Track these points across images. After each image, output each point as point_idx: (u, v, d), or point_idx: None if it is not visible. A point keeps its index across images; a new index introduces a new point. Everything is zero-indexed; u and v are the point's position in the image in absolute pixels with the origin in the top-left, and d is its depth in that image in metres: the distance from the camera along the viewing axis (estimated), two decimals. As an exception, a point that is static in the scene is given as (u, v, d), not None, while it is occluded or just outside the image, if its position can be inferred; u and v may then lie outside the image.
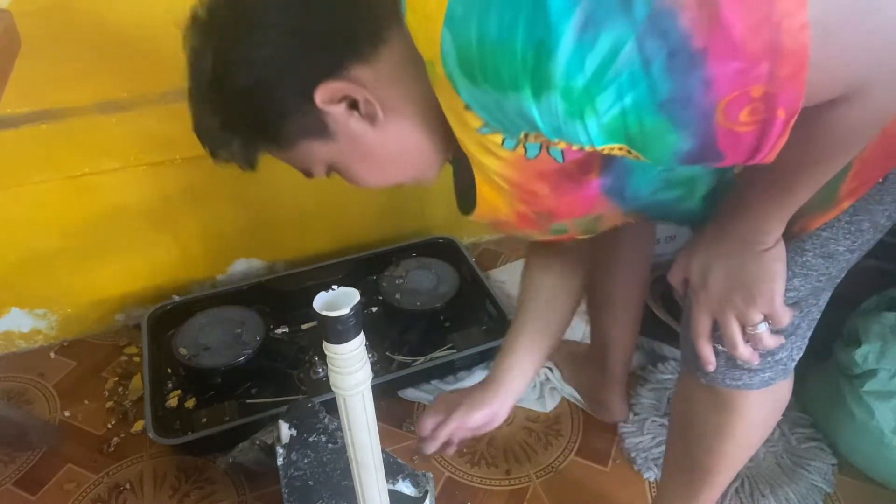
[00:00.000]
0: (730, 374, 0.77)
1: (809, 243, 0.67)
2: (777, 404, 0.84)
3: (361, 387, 0.62)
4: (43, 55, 1.17)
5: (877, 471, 1.15)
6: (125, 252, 1.45)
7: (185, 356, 1.30)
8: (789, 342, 0.74)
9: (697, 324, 0.71)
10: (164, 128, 1.29)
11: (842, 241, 0.66)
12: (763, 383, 0.77)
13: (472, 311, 1.49)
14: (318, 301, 0.57)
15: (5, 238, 1.33)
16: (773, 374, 0.77)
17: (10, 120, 1.21)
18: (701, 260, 0.68)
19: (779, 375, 0.77)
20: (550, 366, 1.37)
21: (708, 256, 0.67)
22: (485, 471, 1.21)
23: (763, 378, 0.77)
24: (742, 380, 0.77)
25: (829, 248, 0.67)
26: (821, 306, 0.75)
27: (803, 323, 0.74)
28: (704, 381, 0.79)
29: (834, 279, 0.72)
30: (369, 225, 1.64)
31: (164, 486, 1.20)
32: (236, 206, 1.49)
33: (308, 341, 1.43)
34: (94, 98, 1.25)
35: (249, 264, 1.59)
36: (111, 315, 1.53)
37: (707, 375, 0.78)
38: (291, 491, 0.93)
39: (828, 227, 0.66)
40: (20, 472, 1.23)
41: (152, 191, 1.39)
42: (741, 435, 0.83)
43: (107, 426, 1.31)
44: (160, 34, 1.22)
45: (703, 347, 0.73)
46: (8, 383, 1.42)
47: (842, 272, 0.71)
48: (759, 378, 0.77)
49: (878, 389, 1.10)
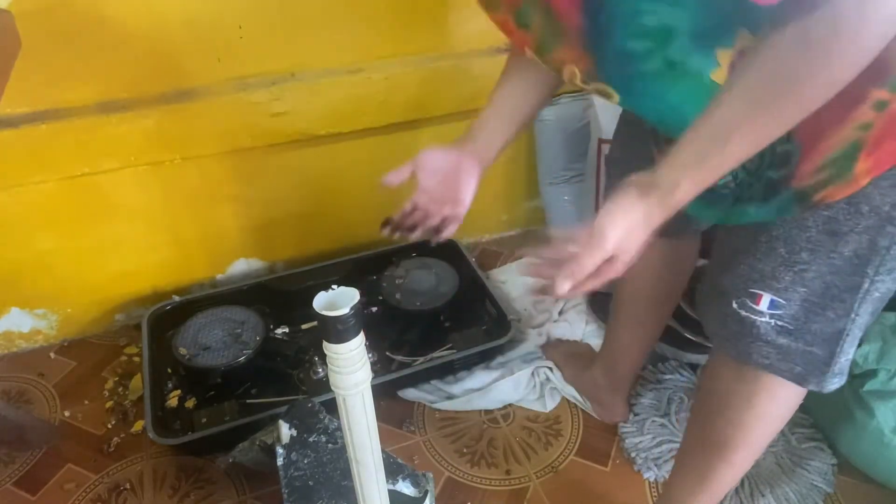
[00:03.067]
0: (757, 349, 0.78)
1: (811, 220, 0.69)
2: (793, 404, 0.86)
3: (361, 387, 0.62)
4: (43, 55, 1.17)
5: (877, 471, 1.15)
6: (125, 252, 1.45)
7: (185, 356, 1.30)
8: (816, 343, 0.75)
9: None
10: (164, 128, 1.29)
11: (843, 222, 0.68)
12: (790, 373, 0.78)
13: (472, 311, 1.49)
14: (318, 301, 0.57)
15: (5, 238, 1.33)
16: (803, 369, 0.78)
17: (10, 120, 1.21)
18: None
19: (811, 375, 0.78)
20: (550, 366, 1.37)
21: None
22: (485, 471, 1.21)
23: (790, 367, 0.78)
24: (770, 359, 0.78)
25: (830, 225, 0.68)
26: (853, 317, 0.74)
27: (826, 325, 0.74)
28: (734, 355, 0.81)
29: (854, 277, 0.71)
30: (369, 225, 1.64)
31: (164, 486, 1.20)
32: (236, 206, 1.49)
33: (308, 341, 1.43)
34: (94, 98, 1.25)
35: (249, 264, 1.59)
36: (111, 315, 1.53)
37: (737, 350, 0.80)
38: (291, 491, 0.93)
39: (828, 206, 0.67)
40: (20, 472, 1.23)
41: (152, 191, 1.39)
42: (763, 410, 0.85)
43: (107, 426, 1.31)
44: (160, 34, 1.23)
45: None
46: (8, 383, 1.42)
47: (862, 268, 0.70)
48: (786, 364, 0.78)
49: (878, 389, 1.10)
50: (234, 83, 1.31)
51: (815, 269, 0.71)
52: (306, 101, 1.35)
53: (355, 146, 1.48)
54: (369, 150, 1.50)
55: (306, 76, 1.35)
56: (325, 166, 1.50)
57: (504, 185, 1.72)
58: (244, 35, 1.27)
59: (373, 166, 1.54)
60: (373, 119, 1.44)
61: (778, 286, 0.74)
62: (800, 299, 0.73)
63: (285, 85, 1.32)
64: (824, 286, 0.72)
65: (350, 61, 1.38)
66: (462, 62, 1.43)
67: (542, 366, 1.37)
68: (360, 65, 1.39)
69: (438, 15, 1.39)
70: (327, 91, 1.36)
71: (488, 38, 1.47)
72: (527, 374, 1.35)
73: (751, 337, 0.78)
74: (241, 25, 1.26)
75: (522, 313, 1.52)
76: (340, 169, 1.52)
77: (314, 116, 1.38)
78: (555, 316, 1.50)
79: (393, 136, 1.50)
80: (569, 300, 1.54)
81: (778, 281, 0.73)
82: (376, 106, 1.42)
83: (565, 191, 1.59)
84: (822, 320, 0.74)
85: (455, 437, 1.28)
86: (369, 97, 1.40)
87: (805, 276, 0.72)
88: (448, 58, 1.43)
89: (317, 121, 1.39)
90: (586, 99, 1.52)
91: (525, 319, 1.51)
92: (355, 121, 1.43)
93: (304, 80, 1.34)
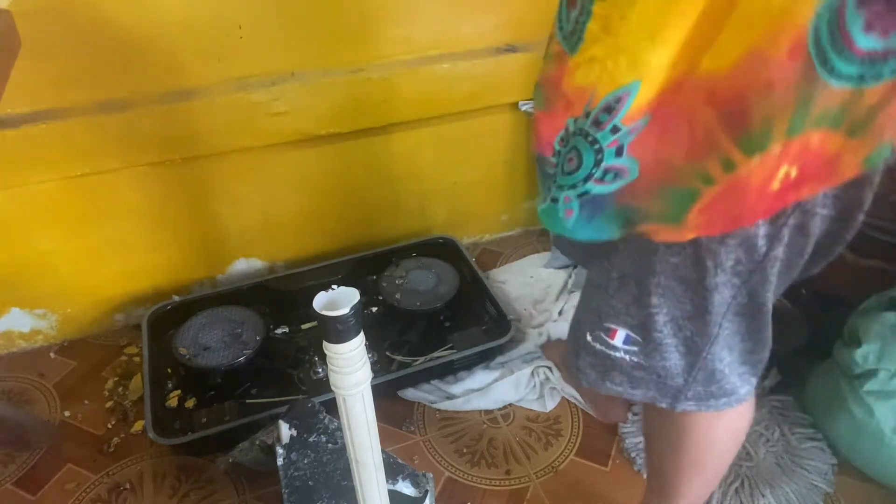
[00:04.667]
0: (610, 377, 0.79)
1: (658, 266, 0.68)
2: (731, 433, 0.86)
3: (361, 387, 0.62)
4: (43, 55, 1.17)
5: (877, 471, 1.15)
6: (125, 252, 1.45)
7: (185, 356, 1.30)
8: (697, 364, 0.75)
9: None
10: (164, 128, 1.29)
11: (691, 270, 0.67)
12: (643, 396, 0.79)
13: (472, 311, 1.50)
14: (317, 301, 0.57)
15: (5, 238, 1.33)
16: (657, 393, 0.78)
17: (10, 120, 1.21)
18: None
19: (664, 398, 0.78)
20: (550, 365, 1.37)
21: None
22: (485, 471, 1.21)
23: (644, 392, 0.78)
24: (623, 386, 0.79)
25: (679, 272, 0.68)
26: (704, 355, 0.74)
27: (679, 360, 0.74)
28: (586, 383, 0.82)
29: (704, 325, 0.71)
30: (369, 225, 1.65)
31: (164, 486, 1.20)
32: (236, 206, 1.49)
33: (308, 341, 1.43)
34: (94, 98, 1.25)
35: (249, 264, 1.59)
36: (111, 315, 1.53)
37: (589, 379, 0.81)
38: (291, 491, 0.93)
39: (674, 253, 0.67)
40: (20, 472, 1.23)
41: (152, 191, 1.39)
42: (693, 453, 0.86)
43: (107, 426, 1.31)
44: (160, 34, 1.23)
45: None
46: (8, 383, 1.42)
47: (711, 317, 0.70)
48: (639, 391, 0.78)
49: (878, 389, 1.10)
50: (234, 83, 1.32)
51: (666, 313, 0.71)
52: (306, 101, 1.36)
53: (355, 146, 1.48)
54: (369, 150, 1.50)
55: (306, 76, 1.35)
56: (325, 166, 1.50)
57: (504, 185, 1.72)
58: (244, 35, 1.27)
59: (372, 166, 1.55)
60: (373, 119, 1.44)
61: (632, 322, 0.74)
62: (653, 339, 0.73)
63: (285, 85, 1.33)
64: (676, 328, 0.72)
65: (350, 61, 1.38)
66: (462, 62, 1.43)
67: (542, 365, 1.37)
68: (360, 65, 1.39)
69: (438, 15, 1.39)
70: (327, 91, 1.36)
71: (488, 38, 1.47)
72: (527, 374, 1.35)
73: (603, 367, 0.78)
74: (241, 25, 1.26)
75: (522, 313, 1.52)
76: (340, 169, 1.52)
77: (314, 116, 1.38)
78: (554, 316, 1.50)
79: (393, 136, 1.50)
80: (569, 300, 1.54)
81: (632, 317, 0.73)
82: (376, 106, 1.42)
83: (565, 191, 1.59)
84: (674, 357, 0.74)
85: (455, 437, 1.28)
86: (369, 97, 1.40)
87: (657, 318, 0.71)
88: (448, 58, 1.43)
89: (317, 121, 1.39)
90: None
91: (525, 319, 1.51)
92: (355, 121, 1.43)
93: (304, 80, 1.34)
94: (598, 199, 0.63)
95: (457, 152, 1.60)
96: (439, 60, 1.42)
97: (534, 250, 1.75)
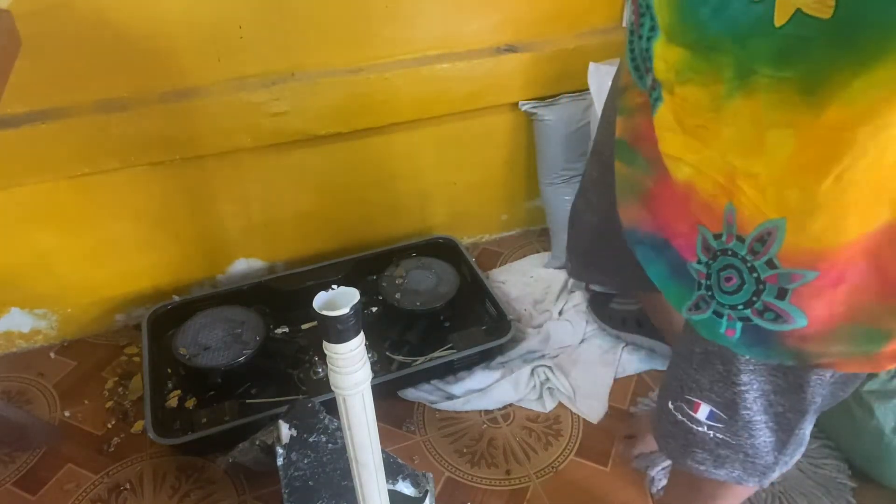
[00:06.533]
0: (692, 454, 0.76)
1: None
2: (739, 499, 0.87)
3: (361, 387, 0.62)
4: (43, 55, 1.17)
5: (877, 471, 1.15)
6: (125, 252, 1.45)
7: (185, 356, 1.30)
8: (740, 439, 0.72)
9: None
10: (164, 128, 1.29)
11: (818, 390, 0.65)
12: (727, 476, 0.76)
13: (472, 311, 1.49)
14: (317, 301, 0.57)
15: (5, 238, 1.33)
16: (743, 473, 0.75)
17: (10, 120, 1.21)
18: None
19: (751, 479, 0.75)
20: (550, 365, 1.37)
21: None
22: (485, 471, 1.21)
23: (728, 473, 0.75)
24: (705, 465, 0.76)
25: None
26: (797, 431, 0.71)
27: (769, 437, 0.72)
28: (667, 454, 0.81)
29: (797, 400, 0.68)
30: (369, 225, 1.64)
31: (164, 486, 1.20)
32: (236, 206, 1.49)
33: (308, 341, 1.43)
34: (94, 98, 1.25)
35: (249, 264, 1.59)
36: (111, 315, 1.53)
37: (669, 450, 0.79)
38: (291, 491, 0.93)
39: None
40: (20, 472, 1.23)
41: (152, 191, 1.39)
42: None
43: (107, 426, 1.31)
44: (160, 34, 1.23)
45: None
46: (8, 383, 1.42)
47: (804, 392, 0.67)
48: (724, 472, 0.75)
49: (878, 389, 1.10)
50: (234, 83, 1.31)
51: (756, 388, 0.67)
52: (306, 101, 1.35)
53: (355, 146, 1.48)
54: (369, 150, 1.50)
55: (306, 76, 1.35)
56: (325, 166, 1.50)
57: (504, 185, 1.72)
58: (244, 35, 1.27)
59: (372, 166, 1.55)
60: (373, 119, 1.44)
61: (717, 400, 0.70)
62: (741, 417, 0.69)
63: (285, 85, 1.32)
64: (767, 403, 0.68)
65: (350, 61, 1.38)
66: (462, 62, 1.43)
67: (542, 365, 1.37)
68: (360, 65, 1.39)
69: (438, 15, 1.39)
70: (327, 91, 1.36)
71: (488, 38, 1.47)
72: (527, 374, 1.35)
73: (685, 441, 0.75)
74: (241, 25, 1.26)
75: (522, 313, 1.52)
76: (340, 169, 1.52)
77: (314, 116, 1.38)
78: (555, 315, 1.50)
79: (393, 136, 1.50)
80: (569, 300, 1.54)
81: (717, 395, 0.69)
82: (376, 106, 1.42)
83: (565, 191, 1.59)
84: (764, 434, 0.71)
85: (455, 437, 1.28)
86: (369, 97, 1.40)
87: (746, 395, 0.67)
88: (448, 58, 1.43)
89: (317, 121, 1.39)
90: (586, 99, 1.52)
91: (525, 319, 1.51)
92: (355, 121, 1.43)
93: (304, 80, 1.34)
94: (762, 332, 0.59)
95: (457, 152, 1.60)
96: (439, 60, 1.42)
97: (534, 250, 1.75)
